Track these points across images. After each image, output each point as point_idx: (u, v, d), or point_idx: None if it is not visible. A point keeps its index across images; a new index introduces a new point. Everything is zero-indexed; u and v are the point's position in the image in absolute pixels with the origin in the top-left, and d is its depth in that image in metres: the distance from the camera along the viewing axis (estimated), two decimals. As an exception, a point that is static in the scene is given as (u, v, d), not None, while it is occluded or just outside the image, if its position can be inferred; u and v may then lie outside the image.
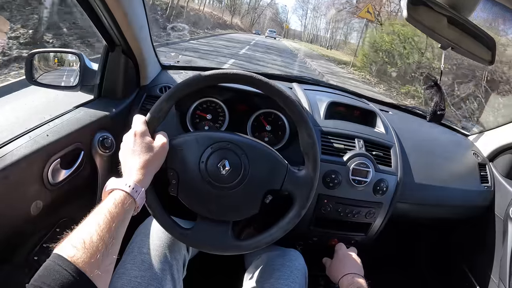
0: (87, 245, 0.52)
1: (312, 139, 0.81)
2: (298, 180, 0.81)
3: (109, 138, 1.02)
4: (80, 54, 1.14)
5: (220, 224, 0.81)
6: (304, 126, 0.81)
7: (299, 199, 0.81)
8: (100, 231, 0.55)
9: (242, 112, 1.16)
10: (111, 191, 0.64)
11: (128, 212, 0.63)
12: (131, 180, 0.66)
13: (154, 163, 0.72)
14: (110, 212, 0.59)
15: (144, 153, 0.70)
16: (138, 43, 1.05)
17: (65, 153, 0.91)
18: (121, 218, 0.60)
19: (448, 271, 1.64)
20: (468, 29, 0.78)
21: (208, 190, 0.78)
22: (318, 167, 0.82)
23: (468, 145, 1.53)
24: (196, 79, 0.79)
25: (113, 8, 0.88)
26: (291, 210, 0.82)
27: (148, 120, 0.76)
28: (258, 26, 65.39)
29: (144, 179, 0.69)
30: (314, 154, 0.81)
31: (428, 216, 1.44)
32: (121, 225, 0.61)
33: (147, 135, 0.74)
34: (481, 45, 0.81)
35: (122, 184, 0.64)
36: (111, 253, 0.56)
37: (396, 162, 1.18)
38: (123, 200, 0.62)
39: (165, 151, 0.75)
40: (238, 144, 0.79)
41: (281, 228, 0.81)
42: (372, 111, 1.31)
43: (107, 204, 0.60)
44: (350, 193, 1.12)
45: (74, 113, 1.01)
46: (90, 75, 1.11)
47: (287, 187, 0.81)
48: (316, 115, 1.20)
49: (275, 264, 0.93)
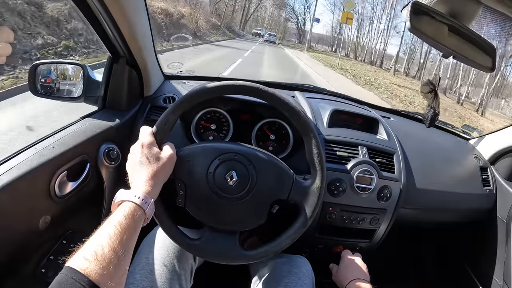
0: (99, 257, 0.52)
1: (319, 150, 0.82)
2: (305, 190, 0.82)
3: (114, 149, 1.02)
4: (84, 65, 1.14)
5: (227, 234, 0.82)
6: (311, 137, 0.81)
7: (306, 209, 0.82)
8: (112, 243, 0.55)
9: (246, 121, 1.17)
10: (121, 202, 0.65)
11: (138, 223, 0.64)
12: (140, 191, 0.66)
13: (162, 174, 0.72)
14: (120, 224, 0.59)
15: (152, 164, 0.71)
16: (143, 55, 1.06)
17: (71, 165, 0.91)
18: (132, 229, 0.61)
19: (452, 273, 1.64)
20: (468, 37, 0.79)
21: (215, 201, 0.79)
22: (324, 177, 0.82)
23: (469, 149, 1.54)
24: (203, 90, 0.80)
25: (119, 21, 0.89)
26: (298, 219, 0.82)
27: (155, 132, 0.77)
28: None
29: (153, 190, 0.69)
30: (321, 165, 0.82)
31: (431, 221, 1.45)
32: (132, 237, 0.61)
33: (154, 146, 0.74)
34: (481, 52, 0.83)
35: (132, 196, 0.65)
36: (123, 265, 0.57)
37: (399, 168, 1.19)
38: (133, 211, 0.63)
39: (172, 162, 0.75)
40: (245, 155, 0.80)
41: (288, 237, 0.81)
42: (374, 118, 1.32)
43: (118, 216, 0.61)
44: (355, 200, 1.13)
45: (79, 125, 1.01)
46: (93, 86, 1.12)
47: (293, 197, 0.81)
48: (320, 124, 1.20)
49: (283, 271, 0.93)
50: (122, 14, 0.89)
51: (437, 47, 0.82)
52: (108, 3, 0.83)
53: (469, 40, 0.81)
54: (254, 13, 50.81)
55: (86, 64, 1.15)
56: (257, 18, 53.14)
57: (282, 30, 53.15)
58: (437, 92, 0.89)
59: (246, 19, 48.25)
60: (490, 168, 1.48)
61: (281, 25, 53.75)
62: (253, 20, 51.23)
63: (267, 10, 53.97)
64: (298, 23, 50.48)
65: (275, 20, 54.45)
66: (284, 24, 53.77)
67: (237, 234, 0.82)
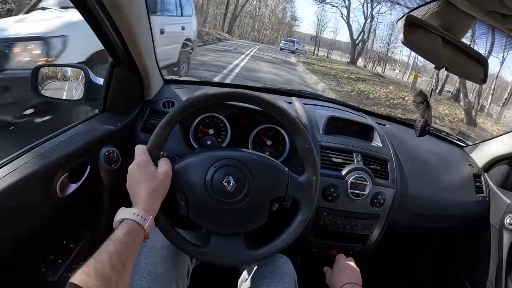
0: (99, 274, 0.55)
1: (309, 144, 0.85)
2: (301, 185, 0.85)
3: (114, 152, 1.04)
4: (85, 68, 1.16)
5: (232, 237, 0.85)
6: (299, 133, 0.85)
7: (305, 202, 0.85)
8: (112, 260, 0.58)
9: (244, 127, 1.19)
10: (121, 221, 0.68)
11: (137, 240, 0.67)
12: (139, 209, 0.69)
13: (159, 190, 0.75)
14: (120, 241, 0.62)
15: (148, 182, 0.74)
16: (143, 59, 1.07)
17: (72, 168, 0.93)
18: (131, 247, 0.65)
19: (445, 279, 1.66)
20: (461, 49, 0.82)
21: (217, 206, 0.81)
22: (318, 170, 0.86)
23: (464, 156, 1.56)
24: (200, 98, 0.82)
25: (120, 26, 0.91)
26: (298, 214, 0.86)
27: (149, 149, 0.79)
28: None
29: (152, 207, 0.72)
30: (312, 158, 0.85)
31: (424, 226, 1.47)
32: (132, 254, 0.65)
33: (150, 164, 0.76)
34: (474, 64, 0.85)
35: (131, 214, 0.68)
36: (124, 281, 0.60)
37: (393, 175, 1.22)
38: (133, 229, 0.66)
39: (169, 177, 0.78)
40: (239, 159, 0.83)
41: (291, 233, 0.85)
42: (369, 125, 1.34)
43: (118, 234, 0.64)
44: (349, 206, 1.15)
45: (80, 128, 1.03)
46: (94, 89, 1.14)
47: (291, 193, 0.85)
48: (316, 131, 1.23)
49: (265, 272, 0.96)
50: (124, 20, 0.90)
51: (430, 60, 0.85)
52: (111, 9, 0.84)
53: (462, 52, 0.83)
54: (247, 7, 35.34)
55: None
56: (254, 15, 37.57)
57: (287, 33, 39.42)
58: (429, 103, 0.91)
59: (235, 14, 33.67)
60: (483, 175, 1.50)
61: (286, 26, 40.17)
62: (246, 16, 36.49)
63: (268, 5, 37.84)
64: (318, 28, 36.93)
65: (278, 19, 39.49)
66: (289, 25, 40.30)
67: (242, 236, 0.85)
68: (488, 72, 0.89)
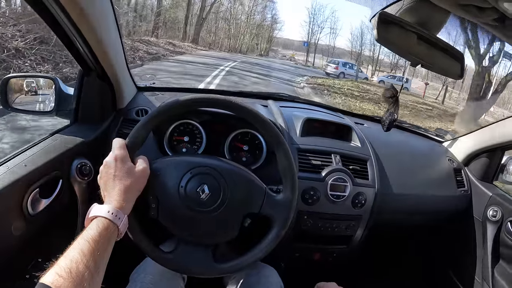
0: (73, 273, 0.52)
1: (289, 161, 0.83)
2: (277, 203, 0.83)
3: (87, 164, 1.01)
4: (55, 78, 1.13)
5: (200, 247, 0.82)
6: (282, 148, 0.83)
7: (278, 221, 0.82)
8: (86, 260, 0.55)
9: (219, 132, 1.17)
10: (94, 218, 0.65)
11: (111, 239, 0.64)
12: (113, 206, 0.66)
13: (135, 188, 0.72)
14: (94, 240, 0.59)
15: (125, 179, 0.71)
16: (114, 68, 1.05)
17: (43, 182, 0.90)
18: (105, 245, 0.61)
19: (433, 276, 1.67)
20: (437, 45, 0.81)
21: (188, 214, 0.79)
22: (296, 190, 0.83)
23: (443, 152, 1.57)
24: (173, 105, 0.80)
25: (87, 34, 0.88)
26: (270, 231, 0.83)
27: (128, 144, 0.77)
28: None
29: (127, 205, 0.69)
30: (292, 176, 0.83)
31: (409, 224, 1.48)
32: (105, 253, 0.61)
33: (128, 161, 0.74)
34: (450, 59, 0.84)
35: (105, 211, 0.65)
36: (97, 281, 0.57)
37: (373, 175, 1.21)
38: (106, 227, 0.63)
39: (146, 176, 0.75)
40: (216, 168, 0.80)
41: (261, 250, 0.82)
42: (347, 125, 1.33)
43: (91, 231, 0.61)
44: (329, 208, 1.14)
45: (51, 140, 1.00)
46: (66, 100, 1.11)
47: (265, 211, 0.82)
48: (293, 133, 1.21)
49: (251, 282, 0.94)
50: (91, 31, 0.88)
51: (405, 56, 0.84)
52: (76, 18, 0.81)
53: (438, 48, 0.82)
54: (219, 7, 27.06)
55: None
56: (227, 18, 28.27)
57: (267, 39, 32.30)
58: (397, 98, 0.91)
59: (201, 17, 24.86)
60: (464, 169, 1.51)
61: (266, 31, 31.89)
62: (218, 19, 27.67)
63: (244, 6, 28.70)
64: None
65: (256, 23, 30.66)
66: (269, 30, 32.11)
67: (210, 247, 0.82)
68: (465, 67, 0.88)
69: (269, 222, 0.83)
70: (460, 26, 1.08)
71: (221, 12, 28.12)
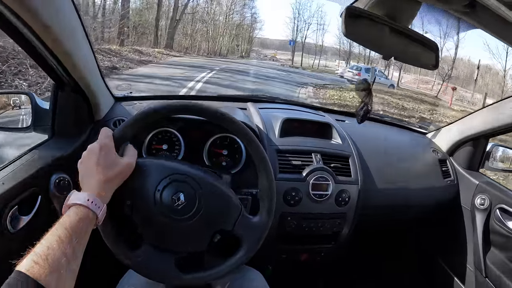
0: (49, 261, 0.52)
1: (270, 183, 0.82)
2: (250, 225, 0.82)
3: (65, 179, 0.99)
4: (31, 94, 1.11)
5: (165, 252, 0.80)
6: (264, 169, 0.82)
7: (248, 243, 0.81)
8: (62, 246, 0.55)
9: (198, 138, 1.15)
10: (72, 205, 0.64)
11: (89, 227, 0.64)
12: (93, 195, 0.66)
13: (116, 180, 0.72)
14: (72, 227, 0.59)
15: (108, 169, 0.70)
16: (87, 80, 1.03)
17: (22, 199, 0.89)
18: (83, 233, 0.61)
19: (425, 267, 1.67)
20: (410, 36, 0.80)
21: (159, 218, 0.77)
22: (272, 213, 0.83)
23: (427, 143, 1.57)
24: (146, 113, 0.80)
25: (54, 48, 0.86)
26: (238, 251, 0.82)
27: (115, 135, 0.76)
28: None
29: (106, 195, 0.69)
30: (270, 198, 0.82)
31: (396, 218, 1.48)
32: (82, 240, 0.61)
33: (113, 151, 0.73)
34: (424, 50, 0.84)
35: (84, 200, 0.64)
36: (73, 269, 0.57)
37: (356, 171, 1.21)
38: (85, 215, 0.63)
39: (130, 170, 0.75)
40: (195, 178, 0.79)
41: (227, 266, 0.81)
42: (327, 123, 1.33)
43: (68, 219, 0.60)
44: (313, 207, 1.14)
45: (28, 157, 0.98)
46: (43, 115, 1.10)
47: (237, 230, 0.81)
48: (271, 134, 1.20)
49: (234, 286, 0.94)
50: (57, 44, 0.86)
51: (377, 50, 0.83)
52: (42, 34, 0.80)
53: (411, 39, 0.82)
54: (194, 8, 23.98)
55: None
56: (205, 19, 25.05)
57: (247, 39, 28.81)
58: (371, 91, 0.92)
59: (175, 19, 21.91)
60: (449, 159, 1.51)
61: (246, 31, 28.58)
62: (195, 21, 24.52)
63: (222, 6, 25.61)
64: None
65: (236, 23, 27.24)
66: (250, 29, 28.47)
67: (176, 255, 0.81)
68: (440, 57, 0.88)
69: (239, 243, 0.82)
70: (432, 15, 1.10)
71: (198, 13, 25.10)
